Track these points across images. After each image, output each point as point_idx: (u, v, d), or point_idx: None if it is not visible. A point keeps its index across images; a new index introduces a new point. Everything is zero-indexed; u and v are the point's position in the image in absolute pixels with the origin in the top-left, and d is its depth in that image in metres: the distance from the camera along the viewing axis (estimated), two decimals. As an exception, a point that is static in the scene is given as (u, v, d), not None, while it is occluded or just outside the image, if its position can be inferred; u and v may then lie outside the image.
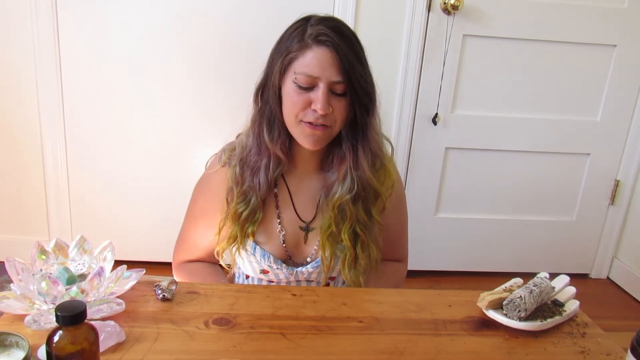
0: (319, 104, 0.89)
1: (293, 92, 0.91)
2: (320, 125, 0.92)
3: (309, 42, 0.90)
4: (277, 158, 0.98)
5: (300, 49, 0.90)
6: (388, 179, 1.04)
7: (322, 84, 0.89)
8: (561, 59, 2.06)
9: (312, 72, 0.89)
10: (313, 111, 0.91)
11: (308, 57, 0.89)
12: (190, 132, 2.02)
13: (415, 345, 0.77)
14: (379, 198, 1.02)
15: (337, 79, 0.90)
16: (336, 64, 0.89)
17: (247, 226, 1.00)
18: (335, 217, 0.99)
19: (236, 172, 1.00)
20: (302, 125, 0.93)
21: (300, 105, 0.91)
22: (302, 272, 1.04)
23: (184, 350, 0.72)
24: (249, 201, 0.99)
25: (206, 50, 1.94)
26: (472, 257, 2.30)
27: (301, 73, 0.90)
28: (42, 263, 0.82)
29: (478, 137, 2.12)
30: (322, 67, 0.89)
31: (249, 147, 1.00)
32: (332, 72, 0.89)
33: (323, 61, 0.89)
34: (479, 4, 1.95)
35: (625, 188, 2.25)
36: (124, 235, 2.08)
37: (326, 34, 0.89)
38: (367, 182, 0.99)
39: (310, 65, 0.89)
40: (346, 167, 0.98)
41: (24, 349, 0.62)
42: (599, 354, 0.78)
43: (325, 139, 0.95)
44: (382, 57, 1.95)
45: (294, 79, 0.90)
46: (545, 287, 0.86)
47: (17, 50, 1.89)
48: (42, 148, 2.00)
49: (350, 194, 0.98)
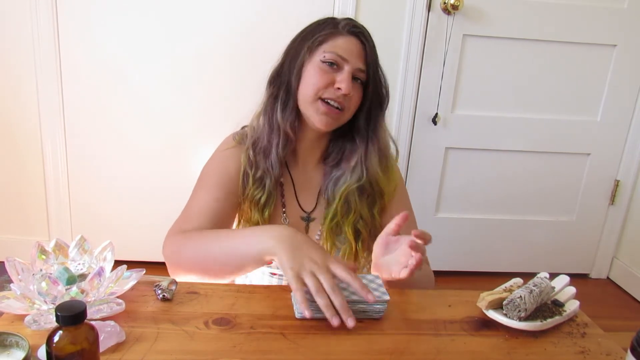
0: (344, 84, 0.95)
1: (319, 69, 0.97)
2: (336, 108, 0.97)
3: (342, 30, 0.98)
4: (286, 135, 1.01)
5: (332, 34, 0.98)
6: (392, 181, 1.07)
7: (348, 67, 0.96)
8: (561, 59, 2.06)
9: (343, 53, 0.96)
10: (336, 89, 0.96)
11: (339, 41, 0.97)
12: (190, 132, 2.02)
13: (415, 345, 0.77)
14: (382, 198, 1.06)
15: (362, 67, 0.97)
16: (363, 54, 0.98)
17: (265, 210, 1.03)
18: (341, 208, 1.02)
19: (250, 155, 1.03)
20: (319, 103, 0.97)
21: (324, 82, 0.96)
22: None
23: (184, 350, 0.72)
24: (265, 186, 1.02)
25: (206, 51, 1.94)
26: (472, 257, 2.30)
27: (331, 52, 0.96)
28: (42, 263, 0.82)
29: (478, 137, 2.12)
30: (351, 52, 0.97)
31: (260, 130, 1.03)
32: (359, 60, 0.97)
33: (353, 48, 0.97)
34: (479, 4, 1.95)
35: (625, 188, 2.25)
36: (124, 235, 2.08)
37: (358, 27, 0.99)
38: (374, 177, 1.03)
39: (341, 47, 0.97)
40: (358, 158, 1.02)
41: (24, 349, 0.62)
42: (599, 354, 0.78)
43: (337, 122, 1.00)
44: (382, 57, 1.93)
45: (322, 57, 0.97)
46: (545, 287, 0.86)
47: (17, 50, 1.89)
48: (42, 148, 2.00)
49: (357, 183, 1.02)
